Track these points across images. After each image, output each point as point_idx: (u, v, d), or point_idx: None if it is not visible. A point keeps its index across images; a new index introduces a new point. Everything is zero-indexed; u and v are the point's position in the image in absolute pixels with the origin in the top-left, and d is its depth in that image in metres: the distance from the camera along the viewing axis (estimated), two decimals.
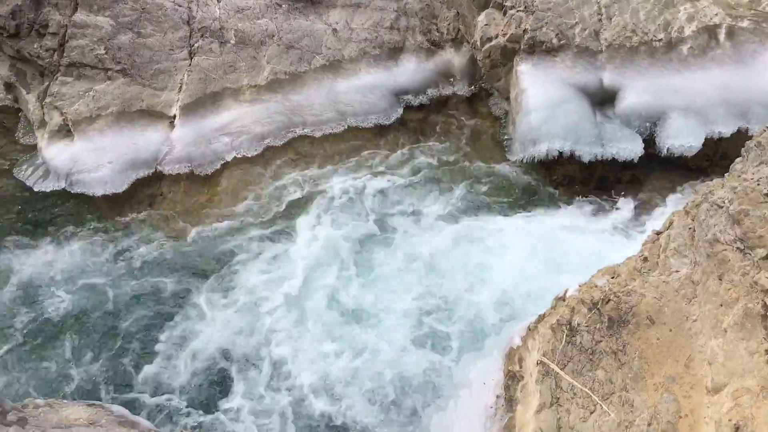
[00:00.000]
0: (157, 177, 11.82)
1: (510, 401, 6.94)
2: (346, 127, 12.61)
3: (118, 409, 7.38)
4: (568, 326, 6.21)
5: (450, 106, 13.33)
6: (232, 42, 12.57)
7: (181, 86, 12.21)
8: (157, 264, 10.49)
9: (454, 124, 13.05)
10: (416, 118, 13.06)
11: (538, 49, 11.51)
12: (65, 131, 11.83)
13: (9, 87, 12.94)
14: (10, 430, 5.88)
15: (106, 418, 6.47)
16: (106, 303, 9.83)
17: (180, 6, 12.57)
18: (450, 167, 12.11)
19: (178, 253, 10.65)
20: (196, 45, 12.45)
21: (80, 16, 12.02)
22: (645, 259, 6.28)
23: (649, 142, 10.95)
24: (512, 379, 7.05)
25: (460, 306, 9.36)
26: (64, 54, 11.93)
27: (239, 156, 12.00)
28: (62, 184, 11.55)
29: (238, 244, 10.77)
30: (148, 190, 11.72)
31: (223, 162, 11.93)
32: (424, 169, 12.04)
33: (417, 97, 13.23)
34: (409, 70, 13.30)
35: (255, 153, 12.08)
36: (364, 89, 12.96)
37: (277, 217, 11.25)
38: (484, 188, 11.61)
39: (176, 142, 11.91)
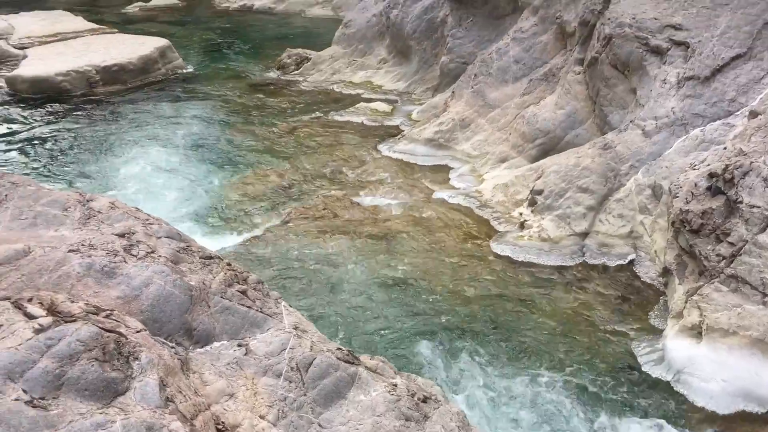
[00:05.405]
0: (764, 419, 10.80)
1: None
2: None
3: None
4: None
5: None
6: None
7: None
8: None
9: None
10: None
11: None
12: (696, 332, 11.94)
13: (665, 272, 13.87)
14: None
15: None
16: None
17: None
18: None
19: None
20: None
21: (764, 237, 12.01)
22: None
23: None
24: None
25: None
26: (731, 265, 12.10)
27: None
28: (668, 377, 11.67)
29: None
30: (749, 426, 10.81)
31: None
32: None
33: None
34: None
35: None
36: None
37: None
38: None
39: None
